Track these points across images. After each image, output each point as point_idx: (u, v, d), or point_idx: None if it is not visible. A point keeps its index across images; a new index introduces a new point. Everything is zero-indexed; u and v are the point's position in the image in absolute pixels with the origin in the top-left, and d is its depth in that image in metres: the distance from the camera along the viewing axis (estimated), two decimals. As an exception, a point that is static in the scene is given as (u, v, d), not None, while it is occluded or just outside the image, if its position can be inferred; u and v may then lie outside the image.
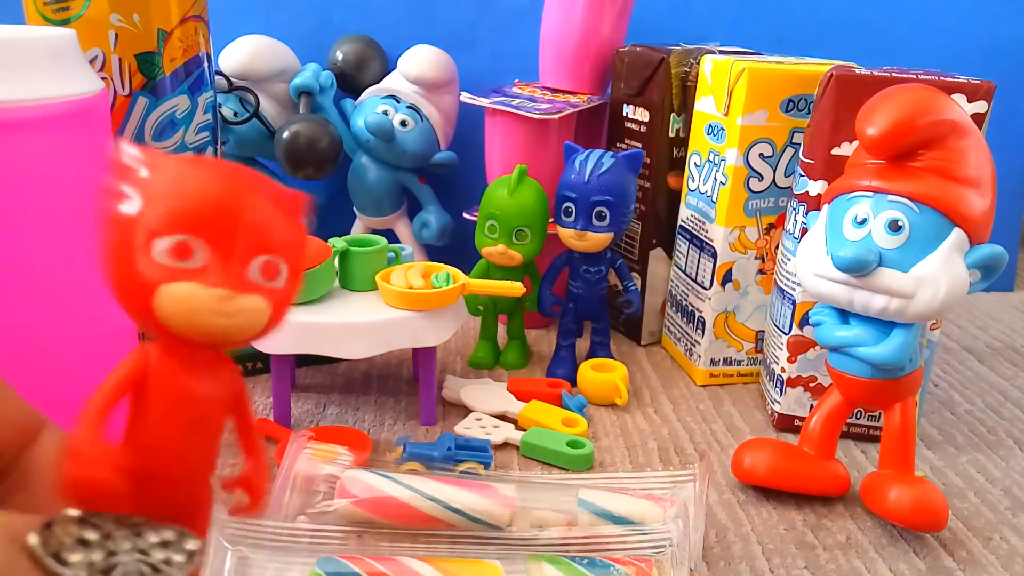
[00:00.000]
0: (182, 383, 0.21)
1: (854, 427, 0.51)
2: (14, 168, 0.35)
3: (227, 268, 0.20)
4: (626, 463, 0.47)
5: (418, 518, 0.38)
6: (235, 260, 0.20)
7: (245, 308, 0.20)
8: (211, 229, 0.20)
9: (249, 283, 0.21)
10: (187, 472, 0.22)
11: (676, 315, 0.62)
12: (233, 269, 0.20)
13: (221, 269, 0.20)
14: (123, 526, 0.19)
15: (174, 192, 0.20)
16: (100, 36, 0.45)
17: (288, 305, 0.22)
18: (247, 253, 0.21)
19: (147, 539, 0.19)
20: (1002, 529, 0.43)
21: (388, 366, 0.59)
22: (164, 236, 0.20)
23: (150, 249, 0.20)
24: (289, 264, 0.22)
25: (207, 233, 0.20)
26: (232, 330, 0.21)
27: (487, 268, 0.58)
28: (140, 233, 0.20)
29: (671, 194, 0.62)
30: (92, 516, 0.18)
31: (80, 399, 0.38)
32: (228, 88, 0.64)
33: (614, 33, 0.64)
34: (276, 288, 0.21)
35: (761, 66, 0.52)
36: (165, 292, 0.20)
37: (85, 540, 0.18)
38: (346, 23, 0.72)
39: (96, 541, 0.18)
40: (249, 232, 0.21)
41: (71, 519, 0.18)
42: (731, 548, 0.40)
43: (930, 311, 0.39)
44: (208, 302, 0.20)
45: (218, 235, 0.20)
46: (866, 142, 0.39)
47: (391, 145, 0.65)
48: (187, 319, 0.20)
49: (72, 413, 0.35)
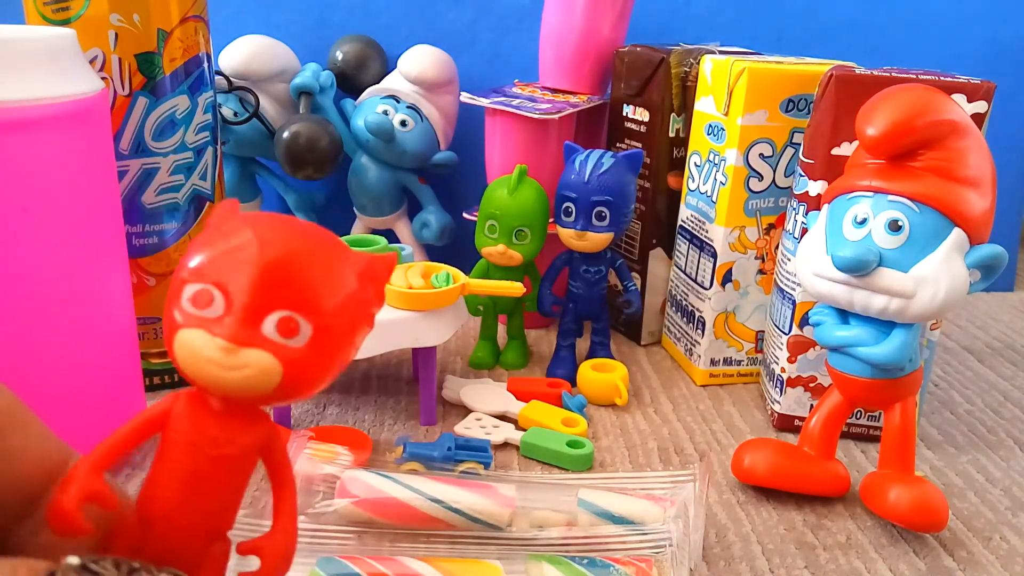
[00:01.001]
0: (193, 434, 0.21)
1: (854, 427, 0.51)
2: (14, 168, 0.35)
3: (238, 322, 0.20)
4: (626, 463, 0.47)
5: (418, 518, 0.38)
6: (250, 315, 0.20)
7: (247, 363, 0.20)
8: (228, 278, 0.20)
9: (259, 338, 0.20)
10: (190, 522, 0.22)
11: (676, 315, 0.62)
12: (244, 324, 0.20)
13: (231, 323, 0.20)
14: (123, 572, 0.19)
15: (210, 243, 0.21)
16: (100, 36, 0.45)
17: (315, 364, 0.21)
18: (264, 308, 0.20)
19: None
20: (1002, 529, 0.43)
21: (388, 366, 0.59)
22: (191, 284, 0.20)
23: (180, 296, 0.20)
24: (315, 324, 0.21)
25: (223, 281, 0.20)
26: (236, 384, 0.20)
27: (487, 268, 0.58)
28: (176, 280, 0.21)
29: (671, 194, 0.62)
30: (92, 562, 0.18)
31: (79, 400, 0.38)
32: (228, 88, 0.64)
33: (614, 33, 0.64)
34: (293, 347, 0.20)
35: (761, 66, 0.52)
36: (178, 337, 0.20)
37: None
38: (346, 23, 0.72)
39: None
40: (270, 287, 0.20)
41: (72, 567, 0.18)
42: (731, 548, 0.40)
43: (930, 311, 0.39)
44: (208, 351, 0.20)
45: (234, 286, 0.20)
46: (866, 142, 0.39)
47: (391, 145, 0.65)
48: (191, 366, 0.20)
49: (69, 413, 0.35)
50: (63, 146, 0.37)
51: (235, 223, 0.21)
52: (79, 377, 0.39)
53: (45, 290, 0.37)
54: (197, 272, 0.20)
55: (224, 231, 0.21)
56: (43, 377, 0.37)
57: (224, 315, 0.20)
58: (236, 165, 0.69)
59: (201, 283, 0.20)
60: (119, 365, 0.42)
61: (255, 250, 0.20)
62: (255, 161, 0.70)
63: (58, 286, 0.37)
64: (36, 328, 0.37)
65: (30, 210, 0.36)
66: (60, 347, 0.38)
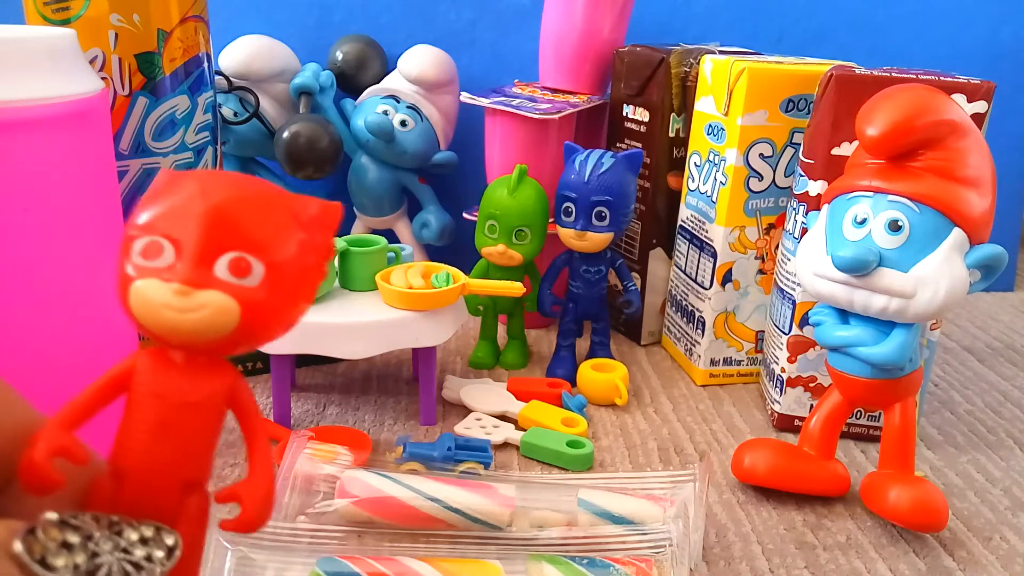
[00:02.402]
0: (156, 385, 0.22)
1: (854, 427, 0.51)
2: (14, 168, 0.35)
3: (189, 265, 0.20)
4: (626, 463, 0.47)
5: (418, 518, 0.38)
6: (200, 258, 0.20)
7: (203, 303, 0.20)
8: (176, 228, 0.21)
9: (213, 279, 0.20)
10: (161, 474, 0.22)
11: (676, 315, 0.62)
12: (196, 266, 0.20)
13: (183, 267, 0.20)
14: (103, 526, 0.19)
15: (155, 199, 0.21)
16: (100, 36, 0.45)
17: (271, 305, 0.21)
18: (214, 250, 0.21)
19: (127, 537, 0.19)
20: (1002, 529, 0.43)
21: (388, 366, 0.59)
22: (140, 238, 0.21)
23: (130, 251, 0.21)
24: (267, 263, 0.21)
25: (172, 232, 0.21)
26: (193, 326, 0.20)
27: (487, 268, 0.58)
28: (125, 239, 0.21)
29: (671, 194, 0.62)
30: (71, 518, 0.18)
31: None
32: (228, 88, 0.64)
33: (614, 33, 0.64)
34: (248, 286, 0.21)
35: (761, 66, 0.52)
36: (132, 289, 0.20)
37: (68, 543, 0.18)
38: (346, 23, 0.72)
39: (78, 544, 0.18)
40: (216, 230, 0.21)
41: (52, 522, 0.18)
42: (731, 548, 0.40)
43: (930, 311, 0.39)
44: (163, 296, 0.20)
45: (182, 233, 0.20)
46: (866, 142, 0.39)
47: (391, 145, 0.65)
48: (147, 315, 0.20)
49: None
50: (63, 146, 0.36)
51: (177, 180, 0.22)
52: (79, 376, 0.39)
53: (45, 289, 0.37)
54: (146, 227, 0.21)
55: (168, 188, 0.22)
56: (43, 376, 0.37)
57: (175, 262, 0.20)
58: (236, 165, 0.68)
59: (150, 235, 0.21)
60: (119, 365, 0.42)
61: (199, 198, 0.21)
62: (255, 161, 0.70)
63: (58, 285, 0.37)
64: (36, 327, 0.37)
65: (30, 210, 0.36)
66: (60, 346, 0.38)
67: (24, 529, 0.17)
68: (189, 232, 0.20)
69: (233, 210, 0.21)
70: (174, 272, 0.20)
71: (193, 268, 0.20)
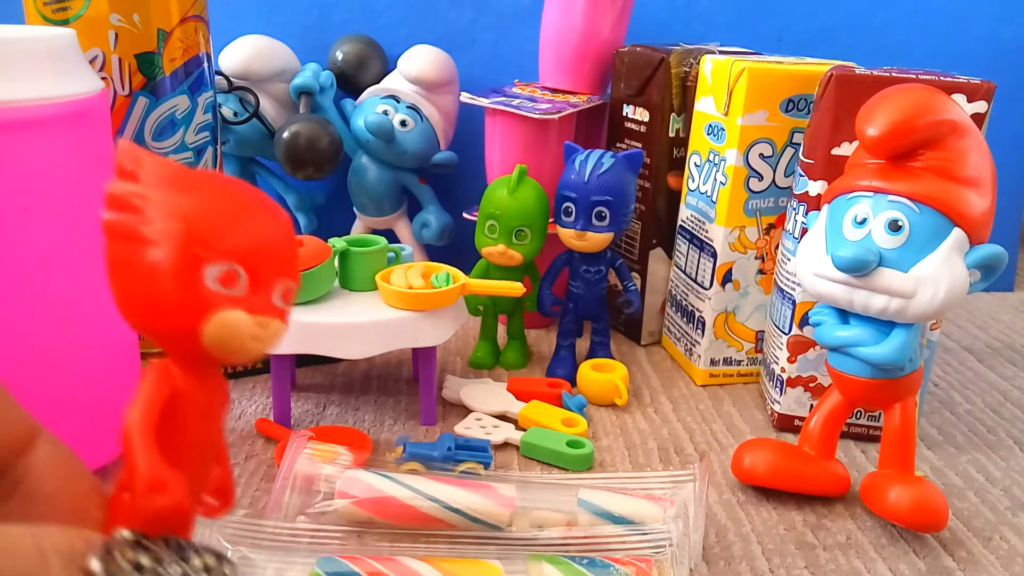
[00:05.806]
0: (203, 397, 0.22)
1: (854, 427, 0.51)
2: (14, 168, 0.35)
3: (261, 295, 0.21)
4: (626, 463, 0.47)
5: (418, 518, 0.38)
6: (264, 287, 0.21)
7: (274, 332, 0.22)
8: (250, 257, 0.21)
9: (275, 308, 0.22)
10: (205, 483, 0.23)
11: (676, 315, 0.62)
12: (264, 295, 0.21)
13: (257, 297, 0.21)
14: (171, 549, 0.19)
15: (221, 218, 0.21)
16: (100, 36, 0.45)
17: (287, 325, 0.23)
18: (272, 279, 0.22)
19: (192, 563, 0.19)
20: (1002, 529, 0.43)
21: (388, 366, 0.59)
22: (215, 263, 0.20)
23: (200, 274, 0.20)
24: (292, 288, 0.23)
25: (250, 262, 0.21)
26: (261, 352, 0.22)
27: (487, 268, 0.58)
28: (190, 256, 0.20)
29: (671, 194, 0.62)
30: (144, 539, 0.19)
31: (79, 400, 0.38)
32: (228, 88, 0.64)
33: (614, 33, 0.64)
34: (287, 310, 0.22)
35: (761, 66, 0.52)
36: (219, 319, 0.21)
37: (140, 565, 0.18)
38: (346, 23, 0.72)
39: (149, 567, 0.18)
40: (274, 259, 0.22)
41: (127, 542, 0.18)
42: (731, 548, 0.40)
43: (930, 311, 0.39)
44: (251, 328, 0.21)
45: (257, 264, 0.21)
46: (866, 142, 0.39)
47: (391, 145, 0.65)
48: (229, 343, 0.21)
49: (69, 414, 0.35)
50: (63, 146, 0.36)
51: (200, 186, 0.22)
52: (79, 377, 0.39)
53: (45, 290, 0.37)
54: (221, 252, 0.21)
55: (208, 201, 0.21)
56: (43, 377, 0.37)
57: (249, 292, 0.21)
58: (236, 165, 0.69)
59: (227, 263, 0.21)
60: (119, 365, 0.42)
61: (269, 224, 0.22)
62: (255, 161, 0.70)
63: (58, 286, 0.37)
64: (36, 328, 0.37)
65: (30, 210, 0.36)
66: (60, 347, 0.38)
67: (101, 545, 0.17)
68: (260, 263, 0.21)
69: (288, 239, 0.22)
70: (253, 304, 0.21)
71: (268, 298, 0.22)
